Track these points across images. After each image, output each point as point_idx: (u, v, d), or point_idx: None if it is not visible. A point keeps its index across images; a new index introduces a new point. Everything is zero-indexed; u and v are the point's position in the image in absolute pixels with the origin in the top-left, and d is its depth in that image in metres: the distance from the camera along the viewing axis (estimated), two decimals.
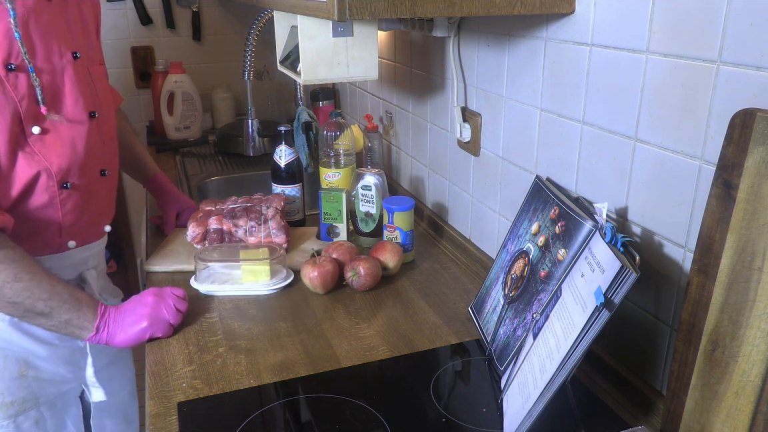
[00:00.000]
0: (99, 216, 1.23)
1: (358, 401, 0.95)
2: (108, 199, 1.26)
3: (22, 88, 1.01)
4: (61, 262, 1.16)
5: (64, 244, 1.15)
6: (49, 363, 1.18)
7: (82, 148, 1.11)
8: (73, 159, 1.10)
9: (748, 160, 0.66)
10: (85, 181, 1.14)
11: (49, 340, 1.17)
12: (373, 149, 1.77)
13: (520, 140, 1.19)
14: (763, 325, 0.67)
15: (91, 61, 1.18)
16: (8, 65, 0.99)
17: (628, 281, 0.75)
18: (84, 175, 1.13)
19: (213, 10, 2.67)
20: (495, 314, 1.06)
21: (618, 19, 0.90)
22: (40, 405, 1.18)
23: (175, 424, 0.91)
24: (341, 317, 1.19)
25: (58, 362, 1.20)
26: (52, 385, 1.20)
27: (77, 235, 1.17)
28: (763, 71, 0.70)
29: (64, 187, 1.09)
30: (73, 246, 1.16)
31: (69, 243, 1.16)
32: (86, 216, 1.17)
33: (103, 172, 1.20)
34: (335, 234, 1.49)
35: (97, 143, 1.16)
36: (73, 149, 1.10)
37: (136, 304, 1.12)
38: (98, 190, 1.20)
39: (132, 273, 2.90)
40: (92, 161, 1.15)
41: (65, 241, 1.15)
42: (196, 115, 2.42)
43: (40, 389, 1.17)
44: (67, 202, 1.11)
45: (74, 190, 1.12)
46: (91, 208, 1.18)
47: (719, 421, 0.72)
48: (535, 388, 0.83)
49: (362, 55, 1.23)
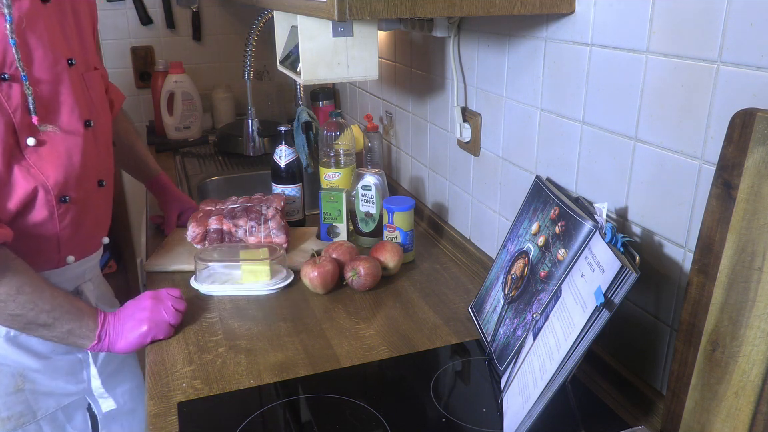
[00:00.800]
0: (97, 228, 1.21)
1: (358, 401, 0.95)
2: (106, 209, 1.24)
3: (15, 99, 0.97)
4: (60, 277, 1.14)
5: (62, 259, 1.13)
6: (46, 376, 1.16)
7: (78, 159, 1.08)
8: (69, 171, 1.07)
9: (748, 160, 0.66)
10: (83, 194, 1.11)
11: (45, 353, 1.15)
12: (373, 149, 1.77)
13: (520, 140, 1.19)
14: (763, 325, 0.67)
15: (86, 67, 1.15)
16: (1, 75, 0.95)
17: (628, 281, 0.75)
18: (81, 187, 1.10)
19: (213, 10, 2.67)
20: (495, 314, 1.06)
21: (618, 19, 0.90)
22: (38, 419, 1.16)
23: (175, 424, 0.91)
24: (341, 317, 1.19)
25: (55, 375, 1.18)
26: (52, 398, 1.18)
27: (76, 249, 1.15)
28: (763, 71, 0.70)
29: (62, 201, 1.07)
30: (71, 261, 1.15)
31: (68, 258, 1.14)
32: (84, 229, 1.15)
33: (101, 183, 1.18)
34: (335, 234, 1.49)
35: (94, 153, 1.13)
36: (69, 161, 1.07)
37: (135, 309, 1.11)
38: (96, 202, 1.18)
39: (132, 273, 2.90)
40: (89, 172, 1.12)
41: (64, 256, 1.13)
42: (196, 115, 2.42)
43: (37, 403, 1.16)
44: (65, 216, 1.09)
45: (72, 204, 1.09)
46: (90, 220, 1.16)
47: (719, 421, 0.72)
48: (535, 388, 0.83)
49: (362, 55, 1.23)
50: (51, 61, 1.03)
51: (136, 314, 1.10)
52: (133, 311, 1.11)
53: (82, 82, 1.12)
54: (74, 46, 1.11)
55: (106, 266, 2.79)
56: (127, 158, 1.53)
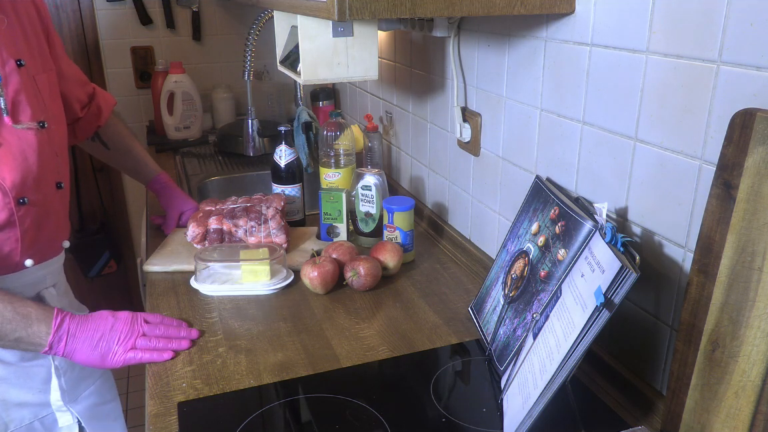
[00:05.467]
0: (57, 231, 1.20)
1: (358, 401, 0.95)
2: (64, 213, 1.22)
3: None
4: (17, 281, 1.11)
5: (21, 263, 1.10)
6: (16, 386, 1.13)
7: (34, 160, 1.07)
8: (26, 171, 1.05)
9: (748, 160, 0.66)
10: (41, 196, 1.10)
11: (9, 361, 1.11)
12: (373, 149, 1.77)
13: (520, 140, 1.19)
14: (763, 325, 0.67)
15: (36, 69, 1.13)
16: None
17: (628, 281, 0.75)
18: (40, 189, 1.09)
19: (213, 10, 2.67)
20: (495, 314, 1.06)
21: (618, 19, 0.90)
22: (11, 431, 1.13)
23: (175, 424, 0.91)
24: (341, 317, 1.19)
25: (27, 384, 1.14)
26: (26, 408, 1.15)
27: (36, 253, 1.12)
28: (763, 71, 0.70)
29: (21, 203, 1.05)
30: (30, 264, 1.12)
31: (26, 262, 1.11)
32: (45, 232, 1.13)
33: (59, 185, 1.16)
34: (335, 234, 1.49)
35: (50, 154, 1.12)
36: (24, 161, 1.05)
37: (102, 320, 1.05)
38: (55, 204, 1.16)
39: (132, 273, 2.90)
40: (46, 173, 1.11)
41: (22, 260, 1.10)
42: (196, 115, 2.42)
43: (9, 415, 1.13)
44: (25, 219, 1.07)
45: (32, 206, 1.08)
46: (50, 223, 1.15)
47: (719, 421, 0.72)
48: (535, 388, 0.83)
49: (362, 55, 1.23)
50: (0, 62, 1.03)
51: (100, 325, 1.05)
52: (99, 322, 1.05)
53: (34, 83, 1.11)
54: (21, 47, 1.10)
55: (106, 266, 2.79)
56: (125, 161, 1.52)
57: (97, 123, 1.41)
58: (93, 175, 2.76)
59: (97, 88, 1.43)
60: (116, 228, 2.86)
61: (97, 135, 1.45)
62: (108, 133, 1.46)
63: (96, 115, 1.40)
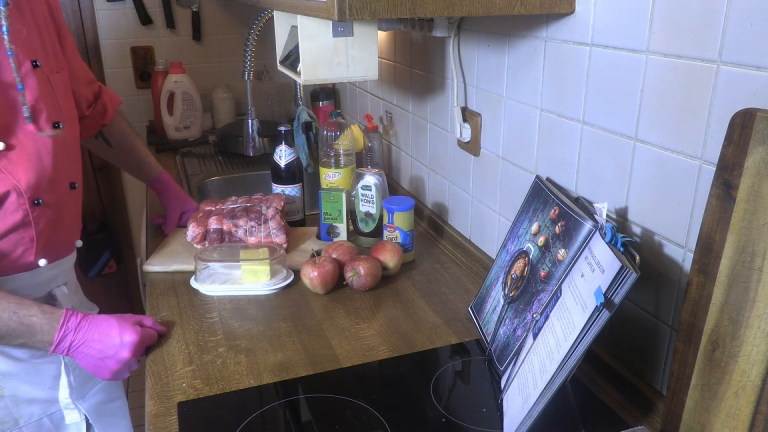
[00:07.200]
0: (70, 231, 1.20)
1: (358, 401, 0.95)
2: (77, 213, 1.22)
3: None
4: (30, 280, 1.11)
5: (35, 263, 1.11)
6: (27, 382, 1.13)
7: (49, 162, 1.07)
8: (41, 173, 1.06)
9: (748, 160, 0.66)
10: (56, 197, 1.10)
11: (21, 357, 1.12)
12: (373, 149, 1.77)
13: (520, 140, 1.19)
14: (763, 325, 0.67)
15: (50, 69, 1.13)
16: None
17: (628, 281, 0.75)
18: (54, 189, 1.10)
19: (213, 10, 2.67)
20: (495, 314, 1.06)
21: (618, 19, 0.90)
22: (21, 427, 1.13)
23: (175, 424, 0.91)
24: (341, 317, 1.19)
25: (37, 381, 1.14)
26: (35, 405, 1.15)
27: (49, 252, 1.13)
28: (763, 71, 0.70)
29: (36, 203, 1.06)
30: (43, 264, 1.12)
31: (40, 261, 1.12)
32: (59, 232, 1.14)
33: (73, 185, 1.17)
34: (335, 234, 1.49)
35: (64, 155, 1.12)
36: (40, 163, 1.06)
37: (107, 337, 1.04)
38: (69, 204, 1.16)
39: (132, 273, 2.90)
40: (61, 174, 1.11)
41: (37, 260, 1.11)
42: (196, 115, 2.42)
43: (18, 410, 1.13)
44: (40, 220, 1.07)
45: (46, 207, 1.08)
46: (64, 223, 1.15)
47: (719, 421, 0.72)
48: (535, 388, 0.83)
49: (362, 55, 1.23)
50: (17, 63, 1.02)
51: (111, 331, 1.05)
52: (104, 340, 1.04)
53: (48, 84, 1.11)
54: (37, 47, 1.10)
55: (106, 266, 2.79)
56: (127, 160, 1.52)
57: (102, 122, 1.41)
58: (93, 175, 2.75)
59: (102, 86, 1.43)
60: (116, 228, 2.86)
61: (101, 133, 1.45)
62: (112, 131, 1.46)
63: (101, 114, 1.40)
